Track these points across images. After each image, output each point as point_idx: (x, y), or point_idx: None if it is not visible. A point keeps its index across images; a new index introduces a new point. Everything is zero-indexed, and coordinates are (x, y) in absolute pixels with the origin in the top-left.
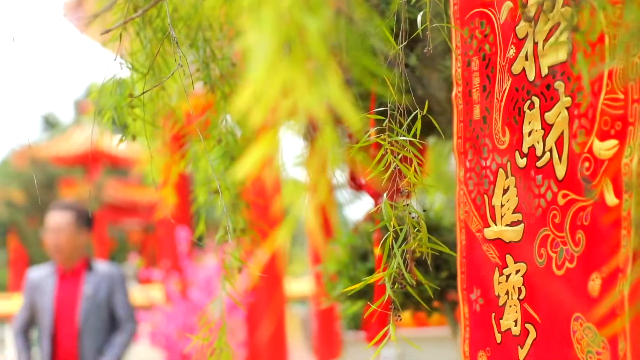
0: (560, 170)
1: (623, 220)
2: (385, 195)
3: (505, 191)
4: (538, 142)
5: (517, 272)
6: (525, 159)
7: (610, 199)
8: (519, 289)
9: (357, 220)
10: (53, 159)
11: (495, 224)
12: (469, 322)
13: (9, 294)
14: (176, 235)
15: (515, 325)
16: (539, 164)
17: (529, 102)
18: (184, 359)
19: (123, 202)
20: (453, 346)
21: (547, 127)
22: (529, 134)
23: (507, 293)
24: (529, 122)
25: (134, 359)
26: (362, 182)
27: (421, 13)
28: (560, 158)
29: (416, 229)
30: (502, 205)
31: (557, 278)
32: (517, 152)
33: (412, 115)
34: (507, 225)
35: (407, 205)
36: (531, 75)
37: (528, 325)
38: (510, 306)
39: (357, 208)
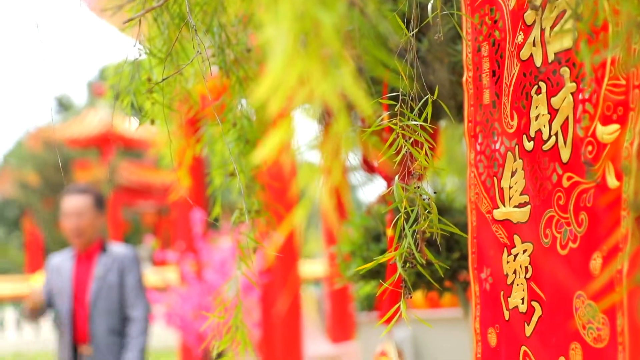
0: (565, 154)
1: (623, 202)
2: (397, 177)
3: (513, 173)
4: (544, 126)
5: (524, 251)
6: (532, 142)
7: (612, 182)
8: (526, 268)
9: (370, 202)
10: (67, 141)
11: (504, 206)
12: (479, 301)
13: (24, 276)
14: (191, 217)
15: (522, 303)
16: (545, 147)
17: (536, 87)
18: (199, 339)
19: (137, 184)
20: (465, 327)
21: (553, 112)
22: (536, 118)
23: (514, 272)
24: (536, 107)
25: (150, 339)
26: (375, 165)
27: (432, 0)
28: (565, 142)
29: (427, 211)
30: (510, 187)
31: (561, 257)
32: (524, 136)
33: (423, 100)
34: (514, 206)
35: (418, 187)
36: (538, 61)
37: (534, 303)
38: (517, 285)
39: (370, 190)
